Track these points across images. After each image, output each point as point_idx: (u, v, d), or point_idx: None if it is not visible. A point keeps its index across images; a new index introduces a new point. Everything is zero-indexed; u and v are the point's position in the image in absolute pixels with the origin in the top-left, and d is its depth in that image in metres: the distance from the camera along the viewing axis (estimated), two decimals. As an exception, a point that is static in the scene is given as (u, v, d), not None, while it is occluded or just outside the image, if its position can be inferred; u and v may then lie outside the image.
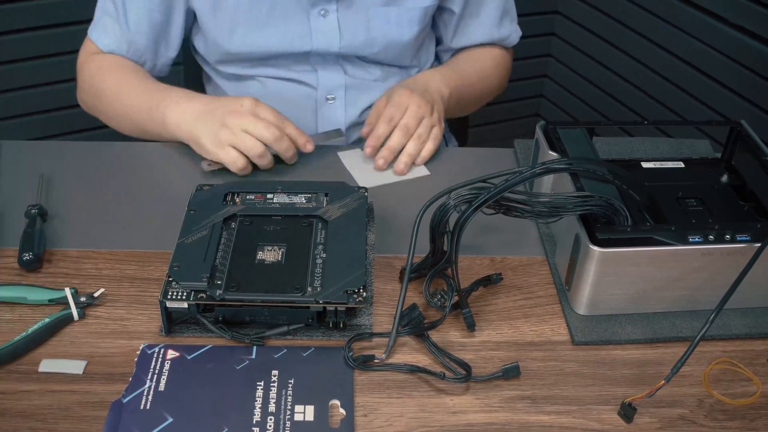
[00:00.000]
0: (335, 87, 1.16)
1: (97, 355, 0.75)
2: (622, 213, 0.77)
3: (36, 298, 0.79)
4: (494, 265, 0.88)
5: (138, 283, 0.83)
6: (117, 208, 0.93)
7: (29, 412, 0.69)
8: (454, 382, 0.73)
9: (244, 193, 0.88)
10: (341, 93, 1.17)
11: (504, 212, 0.77)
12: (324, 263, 0.79)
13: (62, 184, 0.96)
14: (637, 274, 0.78)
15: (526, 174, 0.75)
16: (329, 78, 1.16)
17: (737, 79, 1.71)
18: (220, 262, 0.78)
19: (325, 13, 1.10)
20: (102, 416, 0.68)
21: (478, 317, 0.80)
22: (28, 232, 0.86)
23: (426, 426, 0.70)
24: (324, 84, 1.16)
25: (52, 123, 1.94)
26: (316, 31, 1.11)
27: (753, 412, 0.72)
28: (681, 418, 0.71)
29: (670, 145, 1.04)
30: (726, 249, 0.77)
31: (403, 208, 0.94)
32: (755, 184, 0.87)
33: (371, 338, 0.77)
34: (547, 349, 0.78)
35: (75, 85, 1.19)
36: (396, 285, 0.84)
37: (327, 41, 1.12)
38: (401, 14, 1.13)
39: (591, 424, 0.71)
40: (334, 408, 0.70)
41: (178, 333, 0.77)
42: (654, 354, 0.78)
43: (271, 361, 0.74)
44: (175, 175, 1.00)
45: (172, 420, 0.68)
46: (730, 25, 1.69)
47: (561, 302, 0.83)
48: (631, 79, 2.01)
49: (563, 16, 2.18)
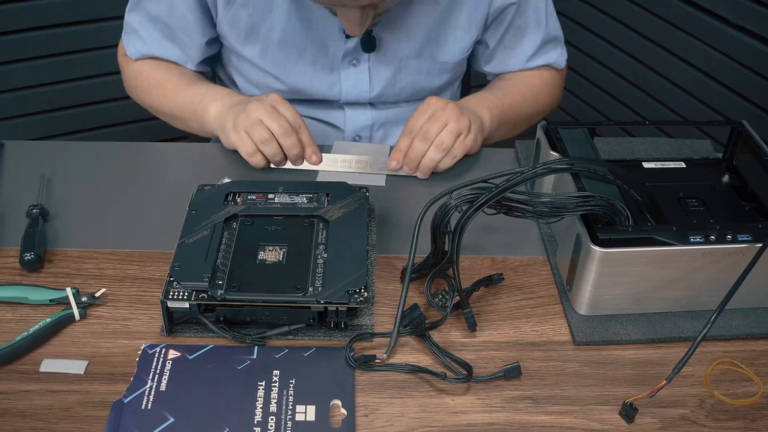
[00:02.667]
0: (362, 128, 1.16)
1: (98, 355, 0.75)
2: (623, 213, 0.77)
3: (37, 298, 0.79)
4: (495, 265, 0.88)
5: (139, 283, 0.83)
6: (118, 208, 0.93)
7: (30, 412, 0.69)
8: (455, 382, 0.73)
9: (245, 193, 0.88)
10: (367, 133, 1.16)
11: (505, 212, 0.76)
12: (325, 263, 0.79)
13: (63, 184, 0.97)
14: (638, 275, 0.78)
15: (527, 174, 0.75)
16: (356, 118, 1.15)
17: (738, 79, 1.71)
18: (222, 262, 0.78)
19: (356, 63, 1.09)
20: (103, 416, 0.68)
21: (479, 317, 0.80)
22: (29, 232, 0.86)
23: (427, 426, 0.70)
24: (351, 125, 1.15)
25: (52, 123, 1.94)
26: (346, 81, 1.10)
27: (754, 413, 0.72)
28: (682, 418, 0.71)
29: (670, 146, 1.04)
30: (727, 249, 0.77)
31: (405, 208, 0.95)
32: (756, 184, 0.87)
33: (372, 338, 0.77)
34: (549, 349, 0.78)
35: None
36: (397, 285, 0.84)
37: (356, 92, 1.12)
38: (433, 66, 1.11)
39: (592, 424, 0.71)
40: (335, 408, 0.70)
41: (179, 333, 0.77)
42: (655, 354, 0.78)
43: (272, 361, 0.74)
44: (177, 175, 1.00)
45: (173, 420, 0.68)
46: (731, 25, 1.69)
47: (562, 302, 0.83)
48: (631, 79, 2.01)
49: (563, 16, 2.18)
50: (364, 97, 1.12)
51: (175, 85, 1.10)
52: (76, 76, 1.89)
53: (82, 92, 1.92)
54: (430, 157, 0.98)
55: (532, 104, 1.16)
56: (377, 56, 1.09)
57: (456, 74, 1.18)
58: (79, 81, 1.90)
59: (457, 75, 1.19)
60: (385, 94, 1.13)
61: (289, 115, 0.98)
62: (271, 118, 0.97)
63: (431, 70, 1.12)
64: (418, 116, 1.00)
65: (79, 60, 1.87)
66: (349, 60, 1.09)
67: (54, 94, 1.90)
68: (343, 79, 1.10)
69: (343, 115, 1.15)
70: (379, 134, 1.18)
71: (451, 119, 0.99)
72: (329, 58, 1.08)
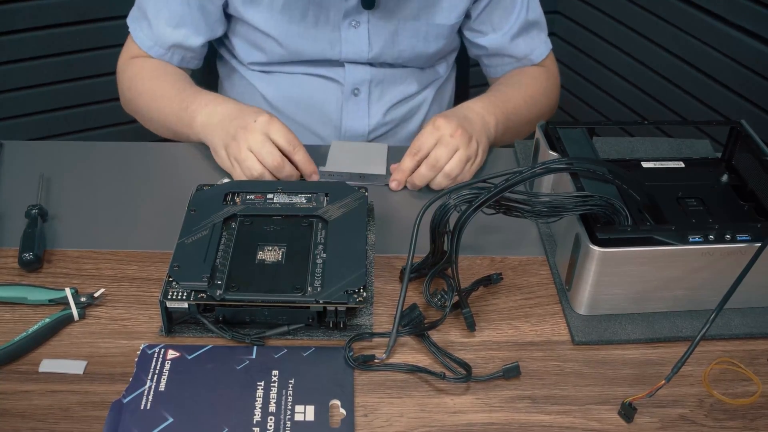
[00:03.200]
0: (361, 81, 1.17)
1: (97, 356, 0.75)
2: (622, 213, 0.77)
3: (36, 299, 0.79)
4: (494, 264, 0.88)
5: (138, 283, 0.83)
6: (117, 208, 0.93)
7: (29, 412, 0.69)
8: (454, 382, 0.73)
9: (244, 193, 0.88)
10: (366, 87, 1.17)
11: (504, 212, 0.77)
12: (324, 263, 0.79)
13: (62, 184, 0.96)
14: (637, 274, 0.78)
15: (526, 174, 0.75)
16: (356, 73, 1.16)
17: (737, 79, 1.71)
18: (221, 262, 0.78)
19: (356, 25, 1.11)
20: (102, 416, 0.68)
21: (478, 317, 0.80)
22: (28, 233, 0.86)
23: (426, 426, 0.70)
24: (350, 78, 1.16)
25: (52, 123, 1.94)
26: (346, 41, 1.12)
27: (753, 412, 0.72)
28: (681, 417, 0.71)
29: (670, 145, 1.04)
30: (726, 249, 0.77)
31: (404, 208, 0.95)
32: (755, 183, 0.87)
33: (371, 338, 0.77)
34: (548, 348, 0.78)
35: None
36: (396, 285, 0.84)
37: (356, 52, 1.13)
38: (429, 29, 1.13)
39: (591, 423, 0.71)
40: (334, 408, 0.70)
41: (178, 333, 0.77)
42: (654, 354, 0.78)
43: (271, 361, 0.74)
44: (175, 175, 1.00)
45: (173, 420, 0.68)
46: (730, 25, 1.69)
47: (561, 302, 0.83)
48: (631, 79, 2.01)
49: (563, 16, 2.18)
50: (363, 57, 1.14)
51: (164, 92, 1.09)
52: (75, 76, 1.89)
53: (81, 92, 1.92)
54: (437, 183, 0.97)
55: (532, 108, 1.17)
56: (376, 17, 1.11)
57: (451, 43, 1.19)
58: (78, 81, 1.90)
59: (452, 44, 1.21)
60: (383, 54, 1.15)
61: (282, 140, 0.95)
62: (262, 150, 0.93)
63: (428, 34, 1.14)
64: (425, 138, 0.97)
65: (79, 60, 1.87)
66: (349, 21, 1.10)
67: (53, 94, 1.90)
68: (344, 39, 1.12)
69: (342, 70, 1.16)
70: (377, 90, 1.18)
71: (461, 146, 0.96)
72: (330, 18, 1.10)
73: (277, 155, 0.94)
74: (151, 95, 1.11)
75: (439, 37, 1.15)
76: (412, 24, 1.12)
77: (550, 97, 1.22)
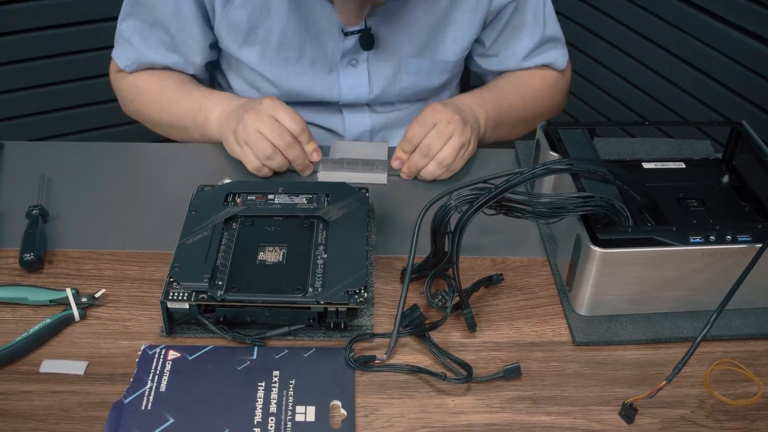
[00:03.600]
0: (361, 132, 1.15)
1: (98, 356, 0.75)
2: (623, 213, 0.77)
3: (37, 299, 0.79)
4: (495, 265, 0.88)
5: (139, 284, 0.83)
6: (118, 209, 0.93)
7: (30, 412, 0.69)
8: (455, 382, 0.73)
9: (245, 193, 0.88)
10: (367, 138, 1.16)
11: (505, 213, 0.76)
12: (325, 264, 0.79)
13: (63, 184, 0.96)
14: (638, 275, 0.78)
15: (527, 174, 0.75)
16: (355, 123, 1.14)
17: (738, 80, 1.71)
18: (221, 262, 0.78)
19: (355, 63, 1.08)
20: (103, 417, 0.68)
21: (479, 318, 0.80)
22: (29, 233, 0.86)
23: (427, 426, 0.70)
24: (350, 129, 1.14)
25: (52, 123, 1.94)
26: (345, 82, 1.09)
27: (754, 413, 0.72)
28: (682, 418, 0.71)
29: (670, 146, 1.04)
30: (727, 249, 0.77)
31: (404, 208, 0.94)
32: (756, 184, 0.87)
33: (372, 339, 0.77)
34: (548, 349, 0.78)
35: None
36: (397, 285, 0.84)
37: (356, 93, 1.10)
38: (433, 65, 1.10)
39: (592, 424, 0.71)
40: (335, 408, 0.70)
41: (179, 334, 0.77)
42: (655, 354, 0.78)
43: (272, 361, 0.74)
44: (176, 176, 1.00)
45: (173, 420, 0.68)
46: (730, 25, 1.69)
47: (562, 303, 0.83)
48: (631, 79, 2.01)
49: (563, 16, 2.18)
50: (364, 99, 1.11)
51: (173, 94, 1.08)
52: (75, 77, 1.89)
53: (81, 93, 1.92)
54: (430, 172, 0.97)
55: (531, 107, 1.14)
56: (376, 56, 1.08)
57: (455, 73, 1.17)
58: (78, 82, 1.90)
59: (456, 74, 1.18)
60: (384, 94, 1.12)
61: (289, 121, 0.95)
62: (272, 130, 0.94)
63: (432, 70, 1.11)
64: (420, 125, 0.97)
65: (79, 61, 1.87)
66: (348, 60, 1.08)
67: (53, 95, 1.90)
68: (342, 79, 1.09)
69: (342, 119, 1.14)
70: (378, 138, 1.17)
71: (455, 132, 0.97)
72: (328, 58, 1.07)
73: (287, 134, 0.95)
74: (157, 98, 1.09)
75: (443, 71, 1.12)
76: (415, 61, 1.09)
77: (555, 98, 1.19)
